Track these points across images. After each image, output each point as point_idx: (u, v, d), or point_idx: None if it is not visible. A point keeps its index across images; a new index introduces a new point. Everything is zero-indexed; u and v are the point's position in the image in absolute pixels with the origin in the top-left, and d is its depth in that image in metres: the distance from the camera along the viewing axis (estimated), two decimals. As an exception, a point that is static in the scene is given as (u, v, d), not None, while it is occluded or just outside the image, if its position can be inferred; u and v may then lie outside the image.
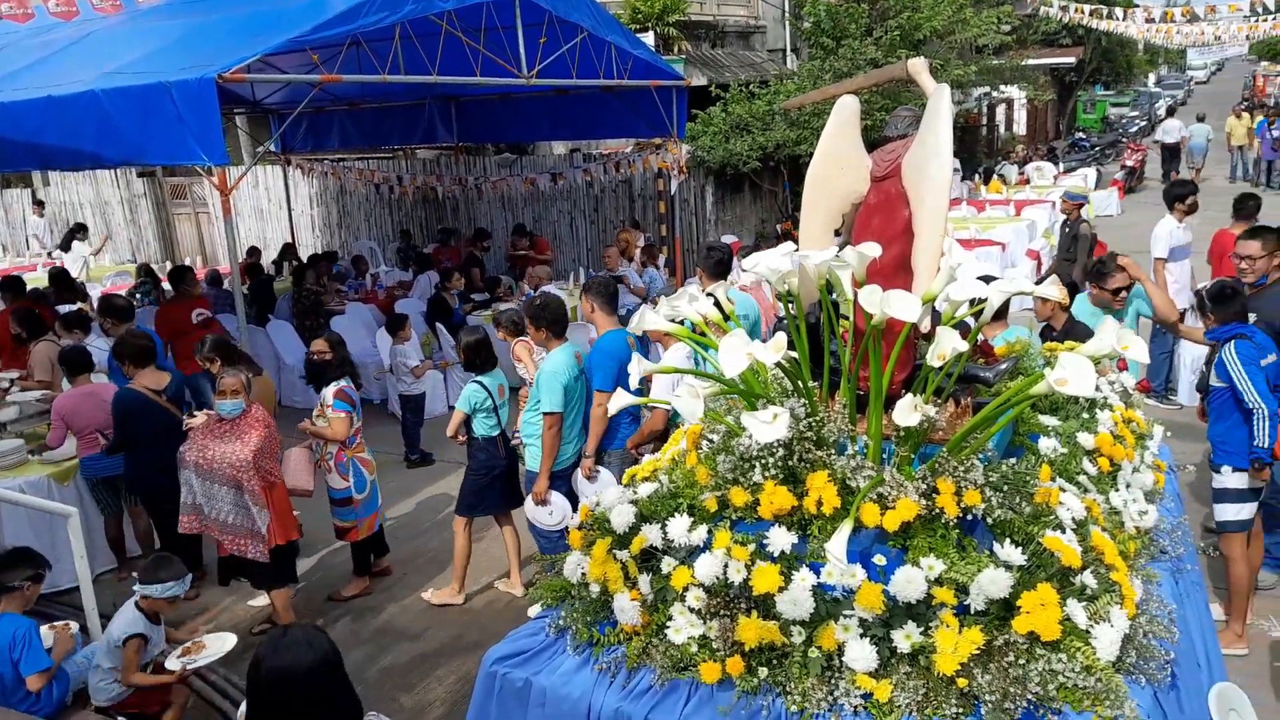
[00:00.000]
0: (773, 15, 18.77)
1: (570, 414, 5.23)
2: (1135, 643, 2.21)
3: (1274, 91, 39.04)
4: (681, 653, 2.31)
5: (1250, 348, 4.53)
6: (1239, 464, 4.66)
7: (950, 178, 2.50)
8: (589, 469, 5.15)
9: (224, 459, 4.89)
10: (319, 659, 2.30)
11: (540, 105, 11.77)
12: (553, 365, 5.16)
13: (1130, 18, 25.79)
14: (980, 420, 2.31)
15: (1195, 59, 69.75)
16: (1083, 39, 28.98)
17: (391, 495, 7.12)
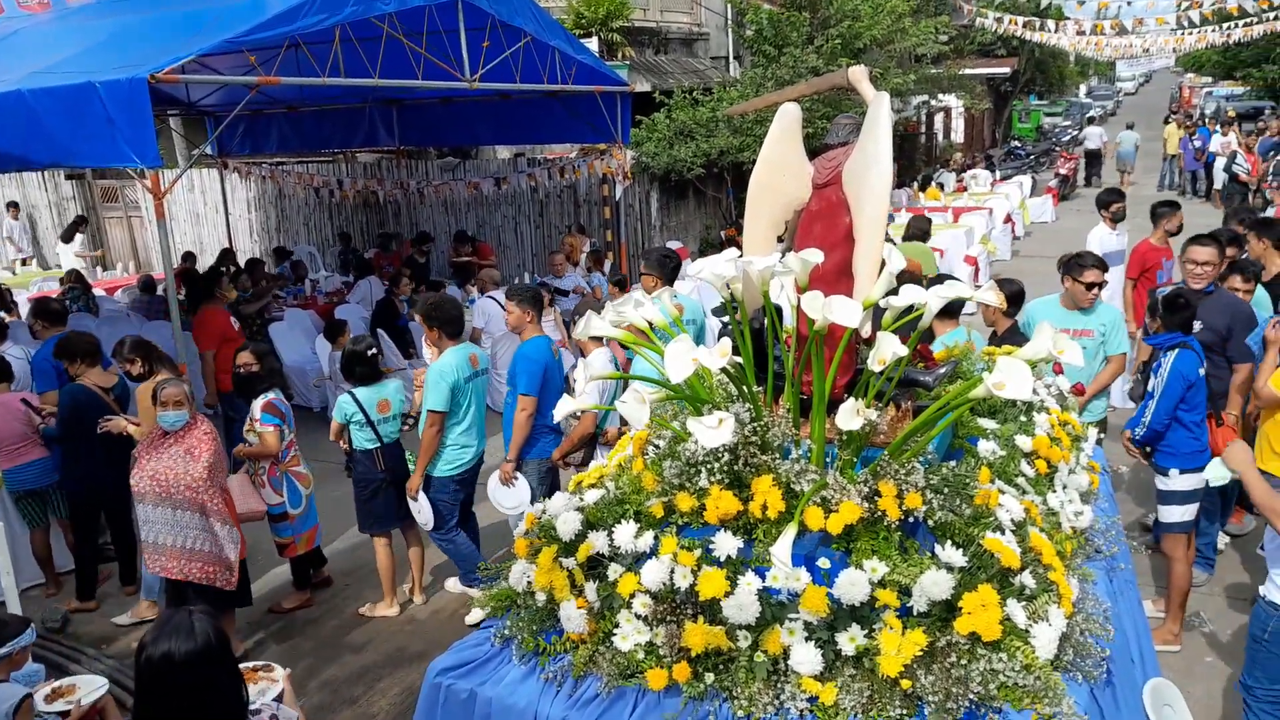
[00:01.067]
0: (715, 23, 18.90)
1: (462, 417, 5.21)
2: (1072, 641, 2.25)
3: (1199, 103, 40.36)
4: (628, 660, 2.30)
5: (1192, 361, 4.65)
6: (1185, 466, 4.78)
7: (890, 184, 2.53)
8: (508, 474, 5.11)
9: (180, 481, 4.71)
10: (199, 648, 2.25)
11: (483, 109, 11.70)
12: (442, 365, 5.14)
13: (1062, 30, 26.45)
14: (920, 424, 2.34)
15: (1124, 71, 71.91)
16: (1017, 50, 29.67)
17: (333, 504, 6.99)
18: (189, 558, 4.79)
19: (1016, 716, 2.04)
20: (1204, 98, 41.19)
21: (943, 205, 17.09)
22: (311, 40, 7.33)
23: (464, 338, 5.47)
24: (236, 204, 16.05)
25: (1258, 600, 3.65)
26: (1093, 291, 5.35)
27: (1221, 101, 36.83)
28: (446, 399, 5.11)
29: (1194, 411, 4.74)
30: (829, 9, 15.30)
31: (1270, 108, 31.76)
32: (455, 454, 5.28)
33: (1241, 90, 40.24)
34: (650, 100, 14.60)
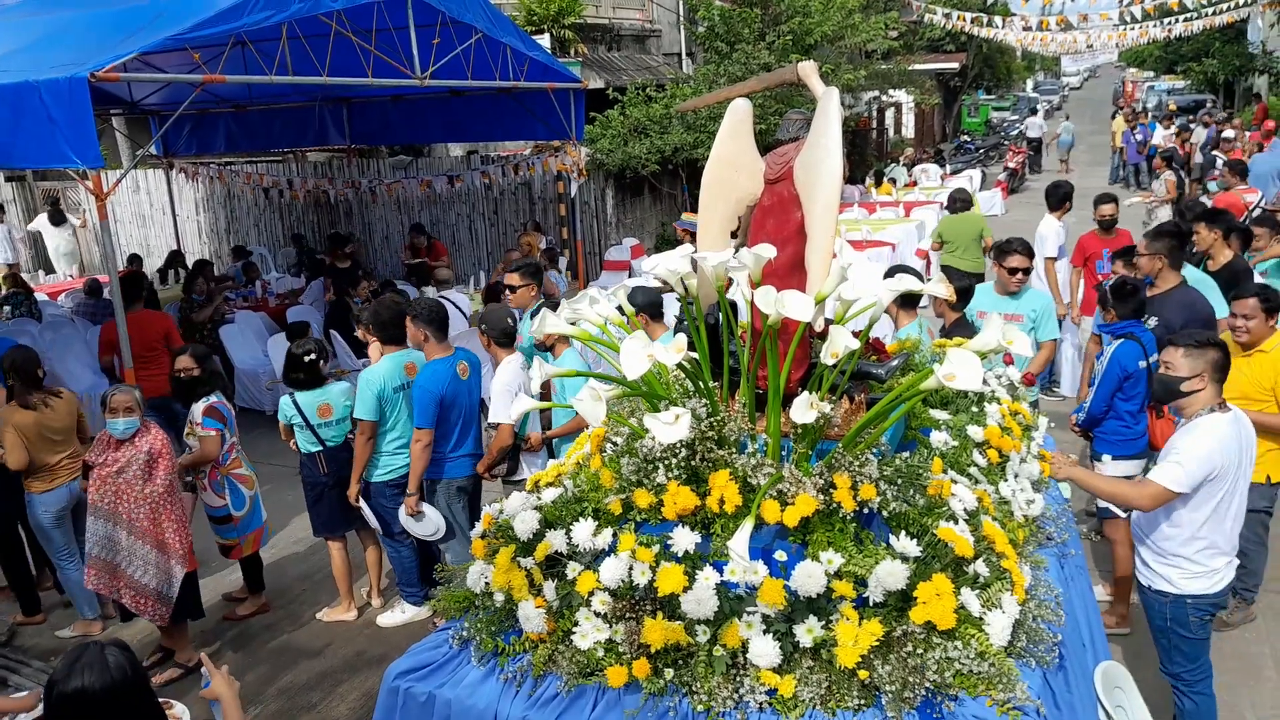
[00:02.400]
0: (668, 19, 18.93)
1: (393, 424, 5.12)
2: (1025, 627, 2.29)
3: (1141, 97, 41.22)
4: (588, 658, 2.29)
5: (1134, 351, 4.74)
6: (1118, 453, 4.89)
7: (841, 179, 2.55)
8: (412, 506, 5.00)
9: (140, 506, 4.63)
10: (114, 682, 2.18)
11: (435, 107, 11.60)
12: (372, 373, 5.05)
13: (1009, 25, 26.87)
14: (874, 415, 2.36)
15: (1069, 66, 73.12)
16: (965, 46, 30.07)
17: (288, 508, 6.91)
18: (125, 582, 4.73)
19: (972, 704, 2.06)
20: (1146, 92, 42.11)
21: (894, 200, 17.29)
22: (258, 37, 7.21)
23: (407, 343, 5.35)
24: (184, 205, 15.76)
25: (1141, 589, 3.77)
26: (1016, 276, 5.46)
27: (1163, 96, 37.66)
28: (374, 408, 5.00)
29: (1131, 401, 4.84)
30: (780, 5, 15.39)
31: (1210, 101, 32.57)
32: (390, 460, 5.19)
33: (1182, 84, 41.19)
34: (604, 97, 14.58)
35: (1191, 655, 3.73)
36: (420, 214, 14.41)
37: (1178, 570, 3.61)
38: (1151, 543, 3.66)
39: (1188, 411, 3.57)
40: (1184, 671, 3.76)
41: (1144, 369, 4.76)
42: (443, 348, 5.09)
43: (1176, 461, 3.44)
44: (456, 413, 5.04)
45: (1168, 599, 3.65)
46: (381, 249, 14.99)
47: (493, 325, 5.17)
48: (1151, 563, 3.68)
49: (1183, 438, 3.51)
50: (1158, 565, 3.66)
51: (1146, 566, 3.71)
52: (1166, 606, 3.67)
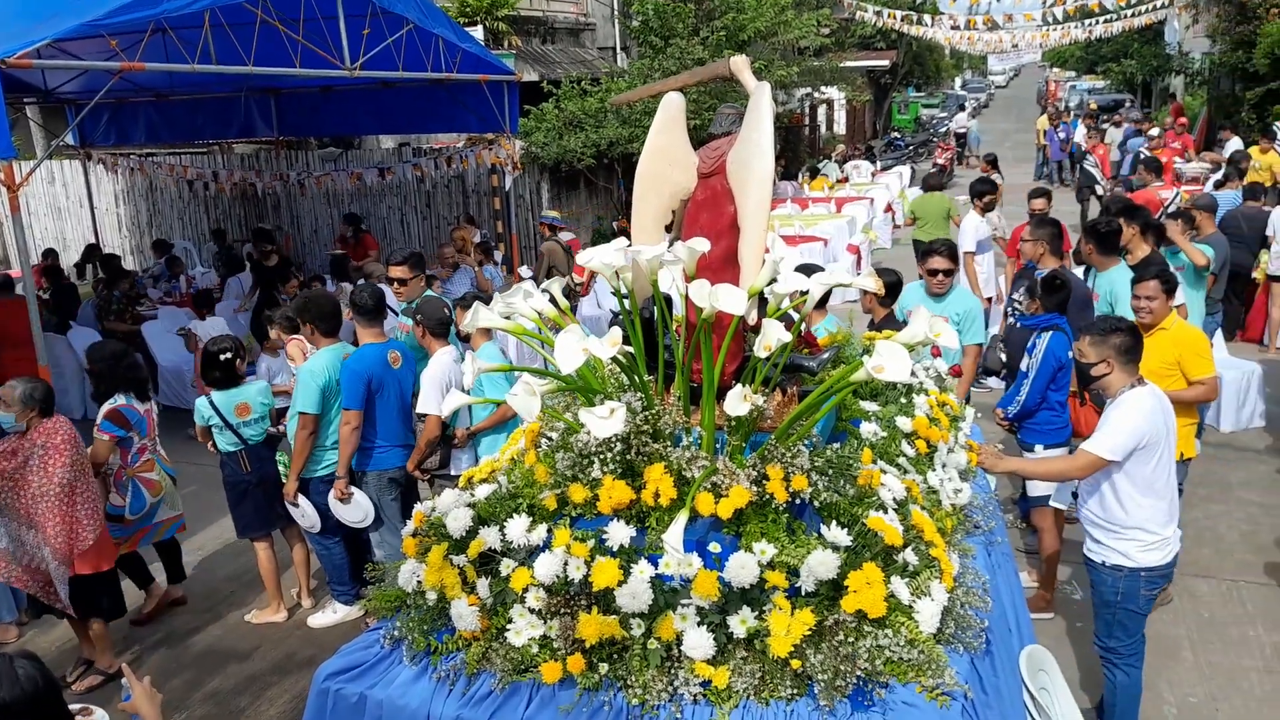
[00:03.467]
0: (602, 13, 18.89)
1: (334, 418, 5.03)
2: (953, 614, 2.33)
3: (1064, 96, 42.36)
4: (522, 654, 2.28)
5: (1064, 342, 4.87)
6: (1049, 442, 5.01)
7: (772, 173, 2.56)
8: (341, 490, 4.96)
9: (38, 499, 4.47)
10: (23, 694, 2.09)
11: (366, 98, 11.40)
12: (313, 365, 4.97)
13: (937, 24, 27.42)
14: (805, 407, 2.39)
15: (995, 65, 74.78)
16: (896, 44, 30.58)
17: (216, 508, 6.74)
18: (12, 561, 4.61)
19: (902, 690, 2.10)
20: (1069, 91, 43.27)
21: (826, 196, 17.50)
22: (179, 24, 7.00)
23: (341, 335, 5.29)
24: (103, 197, 15.24)
25: (1092, 566, 3.87)
26: (937, 277, 5.50)
27: (1084, 95, 38.76)
28: (317, 400, 4.91)
29: (1060, 391, 4.98)
30: (714, 1, 15.46)
31: (1129, 100, 33.61)
32: (326, 455, 5.10)
33: (1103, 84, 42.44)
34: (538, 90, 14.49)
35: (1132, 630, 3.86)
36: (350, 207, 14.16)
37: (1134, 543, 3.71)
38: (1104, 521, 3.76)
39: (1108, 393, 3.75)
40: (1121, 646, 3.88)
41: (1073, 358, 4.89)
42: (374, 334, 5.08)
43: (1106, 432, 3.63)
44: (386, 401, 4.98)
45: (1122, 573, 3.75)
46: (311, 242, 14.70)
47: (428, 315, 5.11)
48: (1106, 540, 3.78)
49: (1110, 412, 3.70)
50: (1113, 542, 3.76)
51: (1100, 544, 3.81)
52: (1120, 581, 3.77)
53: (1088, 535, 3.90)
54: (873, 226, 15.73)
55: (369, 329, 5.08)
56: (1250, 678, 4.59)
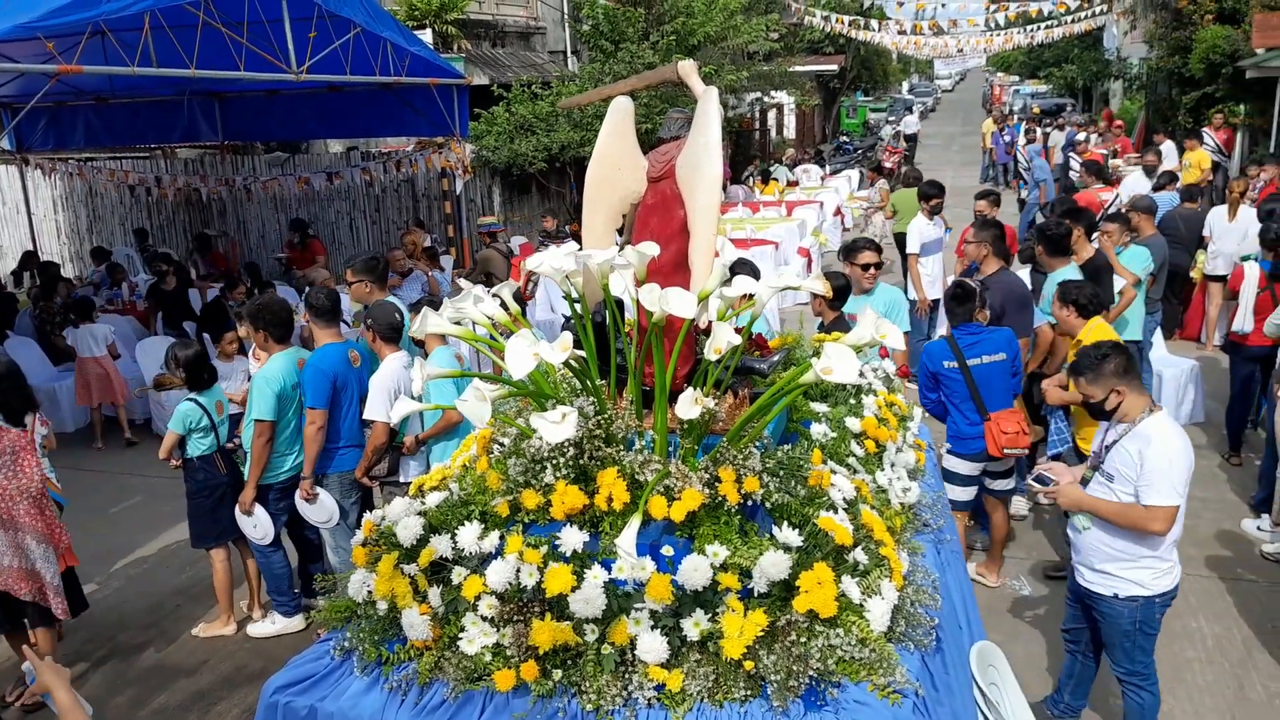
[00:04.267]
0: (552, 17, 18.85)
1: (288, 424, 5.01)
2: (904, 612, 2.36)
3: (1008, 100, 43.17)
4: (475, 663, 2.26)
5: (943, 351, 4.98)
6: (955, 450, 5.14)
7: (721, 177, 2.58)
8: (307, 490, 4.94)
9: (19, 499, 4.39)
10: None
11: (313, 102, 11.27)
12: (268, 371, 4.93)
13: (884, 29, 27.82)
14: (756, 410, 2.40)
15: (942, 69, 76.06)
16: (844, 48, 30.96)
17: (161, 521, 6.61)
18: (27, 579, 4.52)
19: (854, 689, 2.11)
20: (1013, 95, 44.13)
21: (777, 200, 17.65)
22: (118, 27, 6.86)
23: (294, 341, 5.24)
24: (40, 203, 14.85)
25: (1100, 599, 3.77)
26: (869, 272, 5.64)
27: (1028, 99, 39.56)
28: (274, 407, 4.88)
29: (951, 396, 5.07)
30: (663, 5, 15.52)
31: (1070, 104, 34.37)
32: (279, 461, 5.06)
33: (1045, 88, 43.35)
34: (488, 94, 14.42)
35: (1150, 649, 3.82)
36: (298, 212, 13.97)
37: (1149, 572, 3.66)
38: (1118, 551, 3.67)
39: (1125, 419, 3.63)
40: (1145, 668, 3.83)
41: (953, 369, 4.96)
42: (332, 334, 5.09)
43: (1167, 477, 3.50)
44: (347, 402, 4.96)
45: (1139, 603, 3.68)
46: (258, 248, 14.48)
47: (379, 320, 5.07)
48: (1117, 571, 3.69)
49: (1147, 451, 3.54)
50: (1126, 572, 3.67)
51: (1110, 576, 3.71)
52: (1137, 610, 3.70)
53: (1088, 569, 3.79)
54: (822, 230, 15.89)
55: (326, 329, 5.10)
56: (1194, 668, 4.71)
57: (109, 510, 7.07)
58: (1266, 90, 18.54)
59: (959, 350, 4.98)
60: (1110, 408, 3.62)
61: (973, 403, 5.01)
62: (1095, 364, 3.61)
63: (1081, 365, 3.68)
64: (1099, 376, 3.60)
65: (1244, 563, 5.70)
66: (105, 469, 7.99)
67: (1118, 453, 3.63)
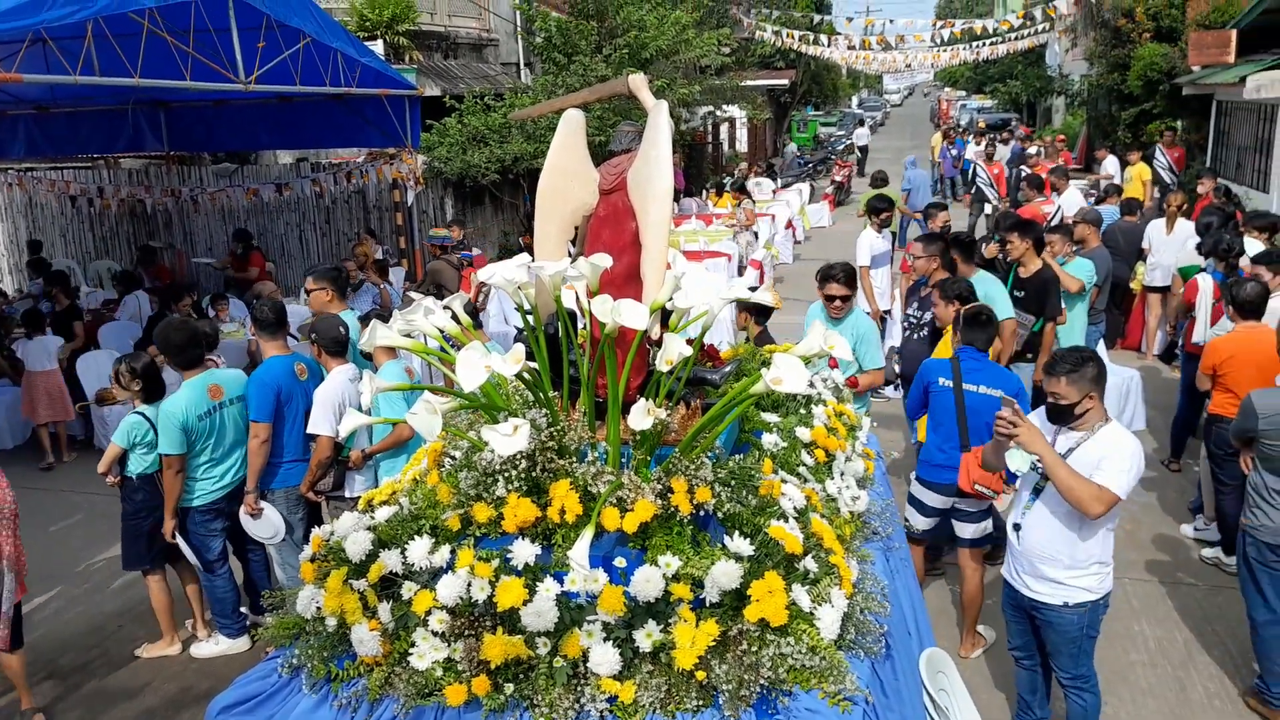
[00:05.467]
0: (505, 29, 18.84)
1: (198, 451, 4.85)
2: (854, 620, 2.38)
3: (955, 114, 43.96)
4: (426, 678, 2.24)
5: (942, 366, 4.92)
6: (921, 476, 4.96)
7: (672, 189, 2.60)
8: (252, 505, 4.86)
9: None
10: None
11: (262, 113, 11.12)
12: (171, 406, 4.75)
13: (834, 44, 28.20)
14: (708, 420, 2.42)
15: (891, 84, 77.30)
16: (794, 63, 31.32)
17: (103, 539, 6.45)
18: None
19: (805, 697, 2.13)
20: (960, 110, 44.92)
21: (729, 212, 17.76)
22: (60, 35, 6.73)
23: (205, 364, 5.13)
24: (-22, 214, 14.49)
25: (1048, 609, 3.76)
26: (834, 304, 5.35)
27: (974, 113, 40.28)
28: (179, 442, 4.72)
29: (931, 417, 4.91)
30: (616, 19, 15.58)
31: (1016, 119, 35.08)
32: (200, 485, 4.93)
33: (991, 103, 44.21)
34: (441, 105, 14.36)
35: (1092, 652, 3.86)
36: (247, 223, 13.77)
37: (1096, 576, 3.69)
38: (1068, 558, 3.66)
39: (1083, 427, 3.63)
40: (1089, 670, 3.88)
41: (945, 388, 4.90)
42: (278, 346, 5.02)
43: (1122, 471, 3.48)
44: (294, 415, 4.89)
45: (1086, 608, 3.70)
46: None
47: (323, 334, 5.01)
48: (1066, 579, 3.69)
49: (1105, 449, 3.54)
50: (1075, 580, 3.68)
51: (1059, 585, 3.70)
52: (1084, 616, 3.72)
53: (1033, 579, 3.78)
54: (774, 243, 16.03)
55: (272, 342, 5.03)
56: (1137, 671, 4.81)
57: (50, 528, 6.89)
58: (1202, 107, 19.12)
59: (958, 371, 4.76)
60: (1080, 412, 3.60)
61: (956, 428, 4.75)
62: (1078, 366, 3.55)
63: (1062, 366, 3.58)
64: (1080, 379, 3.55)
65: (1184, 567, 5.84)
66: (46, 486, 7.78)
67: (1076, 462, 3.62)
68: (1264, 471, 4.25)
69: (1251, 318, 5.24)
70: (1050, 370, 3.64)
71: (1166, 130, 17.70)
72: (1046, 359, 3.71)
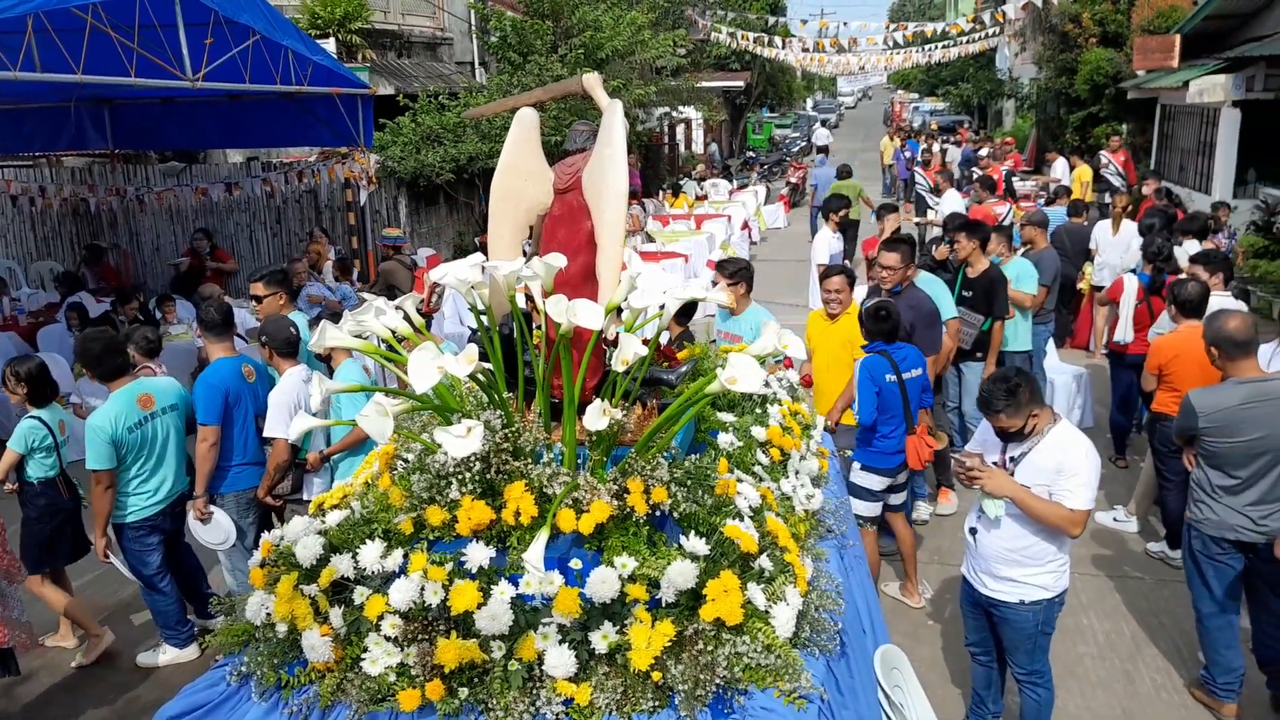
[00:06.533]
0: (460, 28, 18.70)
1: (130, 464, 4.71)
2: (809, 618, 2.39)
3: (908, 116, 44.53)
4: (379, 683, 2.20)
5: (883, 365, 4.96)
6: (876, 465, 5.09)
7: (627, 189, 2.59)
8: (201, 509, 4.76)
9: None
10: None
11: (211, 111, 10.93)
12: (98, 420, 4.59)
13: (788, 46, 28.41)
14: (664, 420, 2.41)
15: (845, 86, 77.99)
16: (750, 65, 31.51)
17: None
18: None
19: (760, 696, 2.13)
20: (913, 112, 45.50)
21: (686, 213, 17.83)
22: (-2, 29, 6.54)
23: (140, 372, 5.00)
24: (-87, 213, 14.03)
25: (1005, 607, 3.83)
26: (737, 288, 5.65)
27: (926, 116, 40.84)
28: (108, 456, 4.56)
29: (883, 411, 5.04)
30: (571, 19, 15.55)
31: (967, 121, 35.66)
32: (134, 500, 4.79)
33: (943, 106, 44.86)
34: (394, 104, 14.22)
35: (1047, 648, 3.93)
36: (196, 223, 13.52)
37: (1052, 574, 3.75)
38: (1032, 558, 3.72)
39: (1032, 434, 3.68)
40: (1044, 665, 3.95)
41: (893, 382, 5.02)
42: (225, 348, 4.94)
43: (1085, 483, 3.56)
44: (242, 418, 4.80)
45: (1042, 605, 3.77)
46: (152, 261, 13.95)
47: (273, 336, 4.94)
48: (1023, 578, 3.75)
49: (1062, 457, 3.61)
50: (1032, 578, 3.74)
51: (1016, 583, 3.76)
52: (1040, 613, 3.79)
53: (990, 577, 3.85)
54: (730, 243, 16.11)
55: (218, 343, 4.95)
56: (1086, 664, 4.90)
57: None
58: (1147, 110, 19.57)
59: (896, 364, 4.97)
60: (1029, 431, 3.67)
61: (902, 417, 5.00)
62: (1011, 397, 3.60)
63: (996, 404, 3.64)
64: (1018, 409, 3.61)
65: (1130, 561, 5.96)
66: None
67: (1029, 466, 3.69)
68: (1206, 468, 4.35)
69: (1193, 317, 5.36)
70: (987, 408, 3.72)
71: (1113, 135, 18.07)
72: (979, 397, 3.78)
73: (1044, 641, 3.91)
